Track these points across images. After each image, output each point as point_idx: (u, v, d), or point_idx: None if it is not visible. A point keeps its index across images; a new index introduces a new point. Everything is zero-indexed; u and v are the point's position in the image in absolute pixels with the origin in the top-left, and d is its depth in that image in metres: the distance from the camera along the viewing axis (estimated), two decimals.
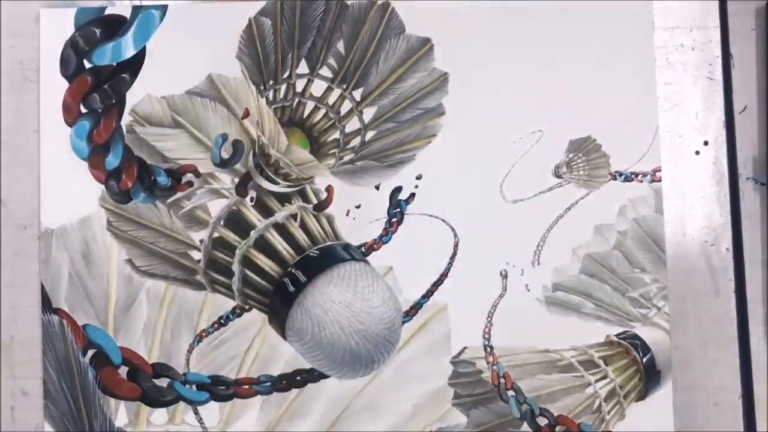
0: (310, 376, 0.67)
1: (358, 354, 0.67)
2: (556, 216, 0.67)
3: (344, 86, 0.68)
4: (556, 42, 0.68)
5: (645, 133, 0.68)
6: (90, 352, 0.68)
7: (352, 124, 0.68)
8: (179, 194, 0.68)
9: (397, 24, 0.68)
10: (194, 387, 0.67)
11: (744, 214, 0.68)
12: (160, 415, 0.68)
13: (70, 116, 0.69)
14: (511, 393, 0.67)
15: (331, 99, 0.68)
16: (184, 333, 0.68)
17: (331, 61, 0.68)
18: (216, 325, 0.68)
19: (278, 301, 0.67)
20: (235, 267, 0.68)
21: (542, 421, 0.67)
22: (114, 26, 0.69)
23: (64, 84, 0.69)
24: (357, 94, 0.68)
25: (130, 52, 0.69)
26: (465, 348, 0.67)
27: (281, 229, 0.68)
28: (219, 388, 0.67)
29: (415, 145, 0.68)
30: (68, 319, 0.68)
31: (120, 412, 0.68)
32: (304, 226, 0.68)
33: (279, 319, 0.67)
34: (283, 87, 0.69)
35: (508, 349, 0.67)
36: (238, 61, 0.68)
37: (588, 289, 0.67)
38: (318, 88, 0.69)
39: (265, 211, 0.68)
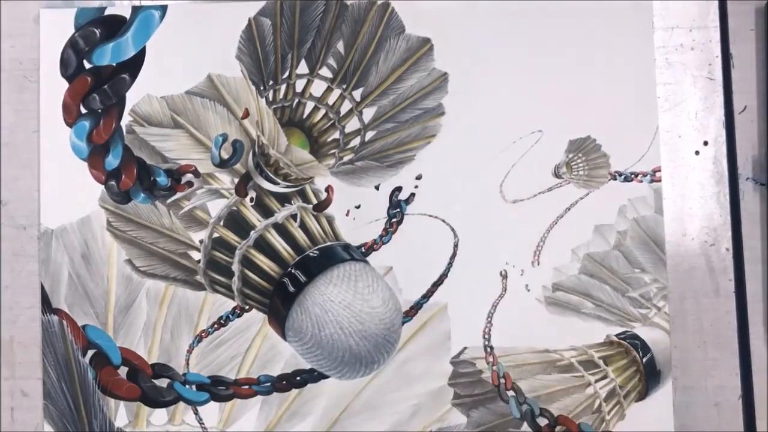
0: (310, 376, 0.67)
1: (357, 354, 0.67)
2: (556, 216, 0.67)
3: (344, 86, 0.68)
4: (555, 42, 0.68)
5: (645, 133, 0.68)
6: (90, 353, 0.68)
7: (352, 125, 0.68)
8: (179, 194, 0.68)
9: (396, 24, 0.68)
10: (194, 387, 0.67)
11: (744, 214, 0.68)
12: (159, 415, 0.68)
13: (70, 116, 0.69)
14: (511, 393, 0.67)
15: (331, 99, 0.69)
16: (183, 333, 0.68)
17: (331, 61, 0.68)
18: (216, 326, 0.68)
19: (278, 301, 0.67)
20: (235, 267, 0.68)
21: (542, 422, 0.67)
22: (114, 26, 0.69)
23: (64, 84, 0.69)
24: (357, 94, 0.68)
25: (129, 52, 0.69)
26: (465, 348, 0.67)
27: (281, 229, 0.68)
28: (219, 389, 0.67)
29: (415, 145, 0.68)
30: (68, 320, 0.68)
31: (120, 413, 0.68)
32: (303, 227, 0.68)
33: (279, 319, 0.67)
34: (283, 87, 0.69)
35: (508, 349, 0.67)
36: (238, 62, 0.69)
37: (588, 289, 0.67)
38: (318, 88, 0.69)
39: (265, 212, 0.68)
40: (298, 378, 0.67)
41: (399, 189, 0.68)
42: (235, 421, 0.67)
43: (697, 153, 0.68)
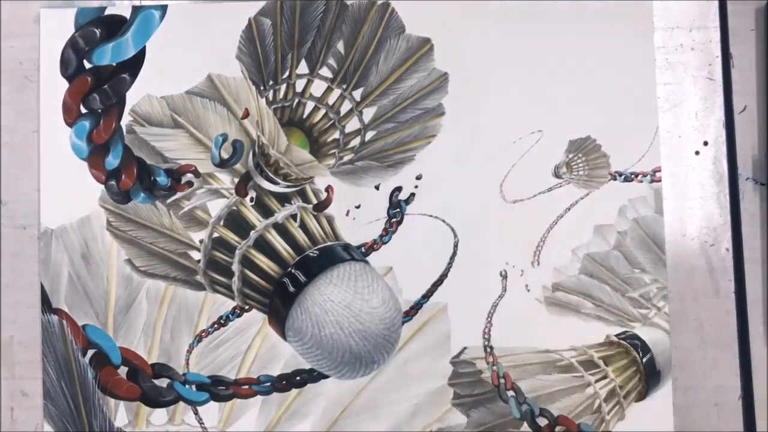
0: (310, 376, 0.67)
1: (357, 354, 0.67)
2: (556, 216, 0.67)
3: (344, 86, 0.68)
4: (556, 42, 0.68)
5: (645, 133, 0.68)
6: (90, 353, 0.68)
7: (352, 125, 0.68)
8: (179, 194, 0.68)
9: (397, 24, 0.68)
10: (194, 387, 0.67)
11: (744, 214, 0.68)
12: (159, 415, 0.68)
13: (70, 116, 0.69)
14: (511, 393, 0.67)
15: (331, 99, 0.68)
16: (183, 333, 0.68)
17: (331, 61, 0.68)
18: (216, 326, 0.68)
19: (278, 301, 0.67)
20: (235, 267, 0.68)
21: (542, 422, 0.67)
22: (114, 26, 0.69)
23: (64, 84, 0.69)
24: (357, 94, 0.68)
25: (130, 52, 0.69)
26: (465, 348, 0.67)
27: (281, 229, 0.68)
28: (219, 389, 0.67)
29: (415, 146, 0.68)
30: (68, 320, 0.68)
31: (119, 412, 0.68)
32: (303, 226, 0.68)
33: (279, 319, 0.67)
34: (283, 87, 0.69)
35: (508, 350, 0.67)
36: (238, 61, 0.68)
37: (588, 289, 0.67)
38: (318, 88, 0.69)
39: (265, 211, 0.68)
40: (298, 378, 0.67)
41: (399, 189, 0.68)
42: (235, 421, 0.67)
43: (697, 153, 0.68)
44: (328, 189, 0.68)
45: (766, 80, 0.68)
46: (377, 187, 0.68)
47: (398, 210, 0.68)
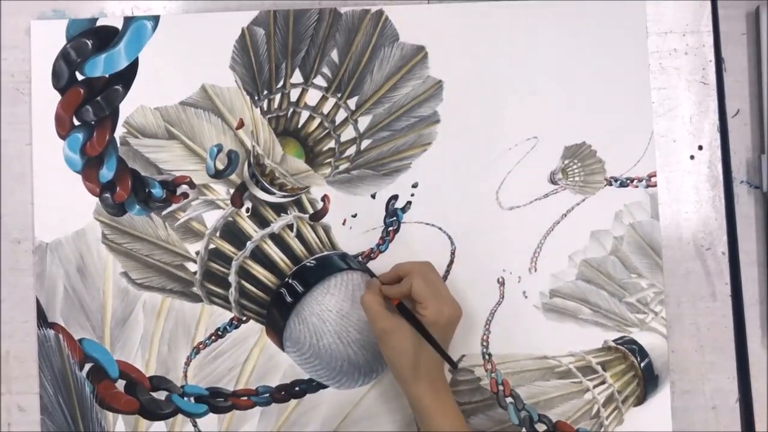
0: (309, 386, 0.67)
1: (356, 363, 0.67)
2: (553, 222, 0.67)
3: (339, 95, 0.68)
4: (550, 49, 0.68)
5: (640, 138, 0.68)
6: (87, 366, 0.67)
7: (348, 133, 0.68)
8: (174, 206, 0.68)
9: (391, 32, 0.68)
10: (192, 399, 0.67)
11: (739, 217, 0.68)
12: (158, 428, 0.67)
13: (63, 129, 0.68)
14: (510, 400, 0.67)
15: (326, 108, 0.68)
16: (181, 345, 0.67)
17: (326, 70, 0.68)
18: (213, 337, 0.67)
19: (275, 311, 0.67)
20: (232, 278, 0.67)
21: (541, 428, 0.67)
22: (106, 37, 0.68)
23: (57, 96, 0.68)
24: (352, 102, 0.68)
25: (122, 63, 0.68)
26: (463, 356, 0.67)
27: (277, 239, 0.68)
28: (217, 400, 0.67)
29: (411, 153, 0.68)
30: (64, 334, 0.67)
31: (118, 426, 0.67)
32: (300, 236, 0.68)
33: (277, 330, 0.67)
34: (278, 96, 0.68)
35: (507, 356, 0.67)
36: (232, 71, 0.68)
37: (585, 294, 0.67)
38: (312, 97, 0.68)
39: (261, 222, 0.68)
40: (297, 388, 0.67)
41: (395, 197, 0.68)
42: None
43: (692, 157, 0.68)
44: (324, 198, 0.68)
45: (758, 83, 0.69)
46: (373, 196, 0.68)
47: (395, 218, 0.68)
